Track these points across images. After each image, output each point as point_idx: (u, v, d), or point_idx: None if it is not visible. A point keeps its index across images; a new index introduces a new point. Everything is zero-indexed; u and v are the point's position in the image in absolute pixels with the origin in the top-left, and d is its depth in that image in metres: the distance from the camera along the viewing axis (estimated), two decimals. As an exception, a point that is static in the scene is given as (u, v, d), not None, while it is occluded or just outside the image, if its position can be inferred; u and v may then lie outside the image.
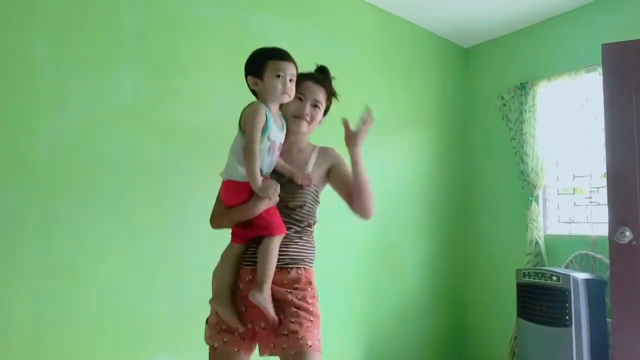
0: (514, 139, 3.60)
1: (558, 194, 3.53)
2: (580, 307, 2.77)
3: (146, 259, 2.35)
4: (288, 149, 1.63)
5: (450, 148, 3.93)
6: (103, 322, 2.21)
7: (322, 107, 1.64)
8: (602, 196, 3.03)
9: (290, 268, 1.55)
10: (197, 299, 2.46)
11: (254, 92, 1.57)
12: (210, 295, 1.57)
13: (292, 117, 1.59)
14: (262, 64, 1.49)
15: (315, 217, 1.64)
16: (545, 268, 3.02)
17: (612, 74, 2.56)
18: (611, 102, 2.55)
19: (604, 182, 2.86)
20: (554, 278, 2.86)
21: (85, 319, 2.17)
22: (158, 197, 2.41)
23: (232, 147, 1.51)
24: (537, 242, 3.36)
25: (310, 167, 1.61)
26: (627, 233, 2.40)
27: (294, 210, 1.56)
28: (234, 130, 1.53)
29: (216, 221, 1.61)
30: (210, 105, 2.60)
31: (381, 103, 3.43)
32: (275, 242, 1.49)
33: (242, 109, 2.81)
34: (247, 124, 1.44)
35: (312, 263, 1.63)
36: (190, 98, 2.54)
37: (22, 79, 2.09)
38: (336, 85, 1.69)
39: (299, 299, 1.51)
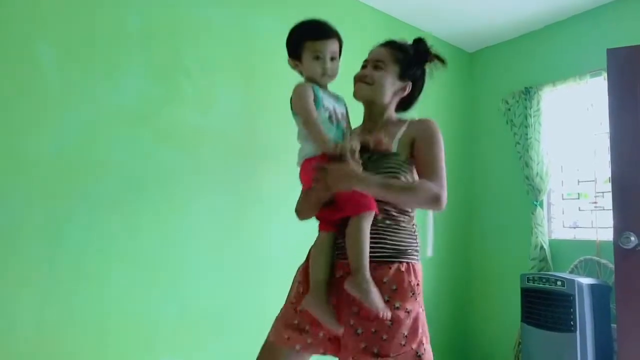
0: (519, 143, 3.59)
1: (563, 199, 3.52)
2: (585, 313, 2.76)
3: (149, 260, 2.35)
4: (373, 125, 1.53)
5: (455, 151, 3.92)
6: (106, 325, 2.21)
7: (385, 66, 1.48)
8: (607, 201, 3.02)
9: (392, 262, 1.35)
10: (200, 301, 2.49)
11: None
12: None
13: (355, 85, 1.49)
14: (299, 44, 1.39)
15: None
16: (550, 273, 3.01)
17: (617, 78, 2.56)
18: (616, 106, 2.55)
19: (608, 186, 2.85)
20: (559, 283, 2.85)
21: (88, 321, 2.16)
22: (162, 199, 2.41)
23: (298, 134, 1.41)
24: (541, 247, 3.35)
25: (391, 136, 1.43)
26: (632, 238, 2.39)
27: None
28: (238, 132, 1.53)
29: (301, 210, 1.45)
30: (215, 108, 2.61)
31: (386, 107, 3.43)
32: (363, 222, 1.30)
33: (247, 111, 2.81)
34: (296, 105, 1.35)
35: (417, 256, 1.43)
36: (195, 100, 2.55)
37: (28, 81, 2.09)
38: (340, 89, 1.60)
39: (396, 308, 1.30)
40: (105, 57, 2.30)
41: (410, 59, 1.51)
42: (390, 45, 1.52)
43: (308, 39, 1.37)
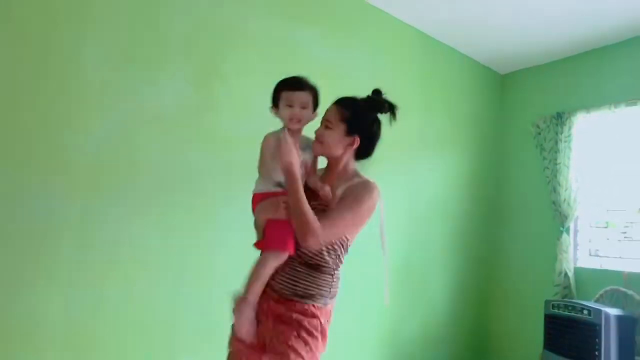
0: (547, 168, 3.58)
1: (590, 227, 3.49)
2: (610, 343, 2.72)
3: (177, 262, 2.37)
4: (330, 174, 1.66)
5: (483, 172, 3.92)
6: (131, 323, 2.23)
7: (333, 125, 1.59)
8: (636, 231, 2.98)
9: (294, 301, 1.52)
10: (223, 304, 2.50)
11: None
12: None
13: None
14: (277, 94, 1.60)
15: (336, 256, 1.57)
16: (575, 301, 2.98)
17: (656, 109, 2.54)
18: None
19: (638, 217, 2.83)
20: (585, 312, 2.81)
21: (114, 318, 2.19)
22: (193, 202, 2.44)
23: (260, 166, 1.63)
24: (566, 274, 3.31)
25: (335, 189, 1.57)
26: (665, 271, 2.36)
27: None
28: None
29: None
30: (249, 115, 2.64)
31: (416, 122, 3.46)
32: (269, 258, 1.53)
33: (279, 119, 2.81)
34: (283, 156, 1.51)
35: (321, 300, 1.55)
36: (230, 107, 2.59)
37: (72, 79, 2.14)
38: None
39: (278, 340, 1.48)
40: (148, 61, 2.34)
41: (358, 114, 1.61)
42: (340, 103, 1.62)
43: (283, 90, 1.58)
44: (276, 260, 1.52)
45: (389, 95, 1.68)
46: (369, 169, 1.69)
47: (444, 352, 3.53)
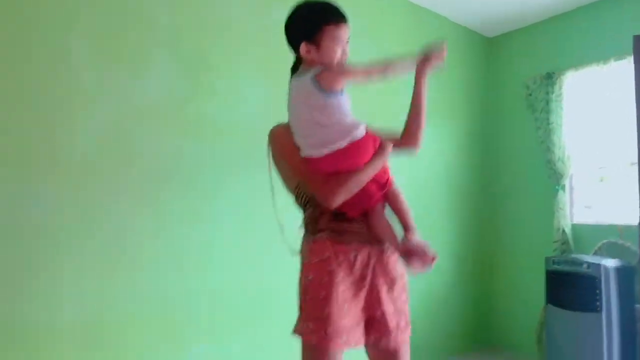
0: (540, 128, 3.62)
1: (585, 183, 3.56)
2: (610, 294, 2.83)
3: (178, 250, 2.40)
4: None
5: (476, 137, 3.96)
6: (143, 315, 2.27)
7: None
8: (630, 184, 3.06)
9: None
10: (231, 290, 2.55)
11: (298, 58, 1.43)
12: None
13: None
14: (317, 28, 1.32)
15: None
16: (574, 256, 3.07)
17: (645, 64, 2.58)
18: (644, 92, 2.57)
19: (631, 170, 2.89)
20: (584, 266, 2.91)
21: (125, 310, 2.22)
22: (189, 191, 2.46)
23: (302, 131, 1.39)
24: (563, 231, 3.40)
25: None
26: (661, 221, 2.44)
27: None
28: (264, 125, 1.57)
29: (337, 191, 1.34)
30: (241, 102, 2.64)
31: (404, 93, 3.46)
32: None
33: (269, 105, 2.74)
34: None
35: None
36: (221, 95, 2.58)
37: (62, 79, 2.12)
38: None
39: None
40: (135, 55, 2.33)
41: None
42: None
43: (329, 23, 1.31)
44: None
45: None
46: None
47: (446, 315, 3.64)
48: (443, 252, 3.66)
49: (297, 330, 1.40)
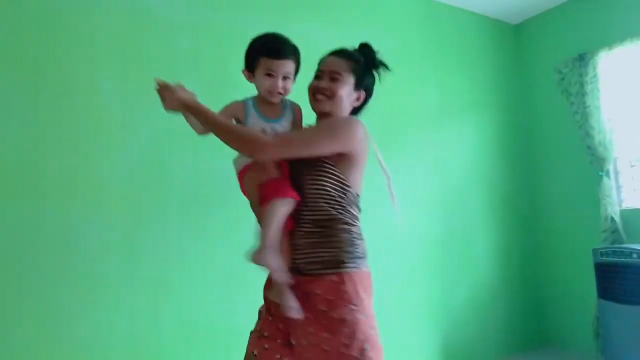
0: (577, 112, 3.45)
1: (631, 166, 3.36)
2: (666, 284, 2.65)
3: (226, 270, 2.46)
4: None
5: (510, 129, 3.82)
6: (191, 335, 2.34)
7: (343, 78, 1.45)
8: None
9: (324, 275, 1.33)
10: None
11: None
12: None
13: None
14: (255, 59, 1.39)
15: (341, 207, 1.38)
16: (624, 246, 2.90)
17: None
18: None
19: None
20: (635, 255, 2.74)
21: (175, 333, 2.30)
22: (229, 208, 2.51)
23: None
24: (612, 218, 3.21)
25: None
26: None
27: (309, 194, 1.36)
28: None
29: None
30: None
31: (435, 89, 3.41)
32: (276, 204, 1.30)
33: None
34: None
35: (356, 263, 1.36)
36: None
37: (93, 112, 2.25)
38: (389, 76, 1.58)
39: (334, 318, 1.29)
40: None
41: (363, 67, 1.48)
42: (344, 54, 1.48)
43: (264, 56, 1.37)
44: (283, 206, 1.31)
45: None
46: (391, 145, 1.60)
47: (496, 313, 3.52)
48: (485, 253, 3.56)
49: None
